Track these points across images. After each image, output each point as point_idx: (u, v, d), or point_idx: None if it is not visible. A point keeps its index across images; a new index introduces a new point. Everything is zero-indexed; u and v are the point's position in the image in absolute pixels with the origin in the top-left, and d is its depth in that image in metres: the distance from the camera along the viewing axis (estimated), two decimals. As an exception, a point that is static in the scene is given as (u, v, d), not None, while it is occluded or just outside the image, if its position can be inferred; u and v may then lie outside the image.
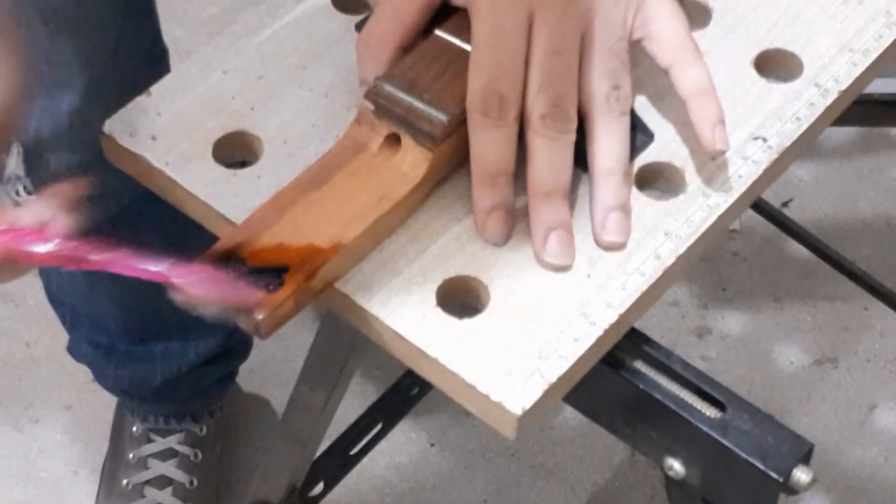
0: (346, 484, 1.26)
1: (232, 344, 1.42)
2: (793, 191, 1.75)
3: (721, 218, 0.72)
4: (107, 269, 0.64)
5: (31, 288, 1.67)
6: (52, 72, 1.05)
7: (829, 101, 0.76)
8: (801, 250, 1.51)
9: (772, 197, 1.64)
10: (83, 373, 1.58)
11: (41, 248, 0.63)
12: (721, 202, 0.73)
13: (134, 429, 1.47)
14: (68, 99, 1.03)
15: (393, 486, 1.51)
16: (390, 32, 0.72)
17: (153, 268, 0.64)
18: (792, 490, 0.70)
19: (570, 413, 1.52)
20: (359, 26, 0.78)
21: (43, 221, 0.64)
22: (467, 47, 0.70)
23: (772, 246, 1.70)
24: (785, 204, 1.73)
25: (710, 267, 1.69)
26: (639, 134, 0.74)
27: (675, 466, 0.74)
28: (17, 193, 0.74)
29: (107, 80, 0.77)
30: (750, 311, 1.66)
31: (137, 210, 1.03)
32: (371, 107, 0.71)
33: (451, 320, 0.68)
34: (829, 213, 1.75)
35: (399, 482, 1.51)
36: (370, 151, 0.71)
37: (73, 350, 1.43)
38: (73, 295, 1.34)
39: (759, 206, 1.44)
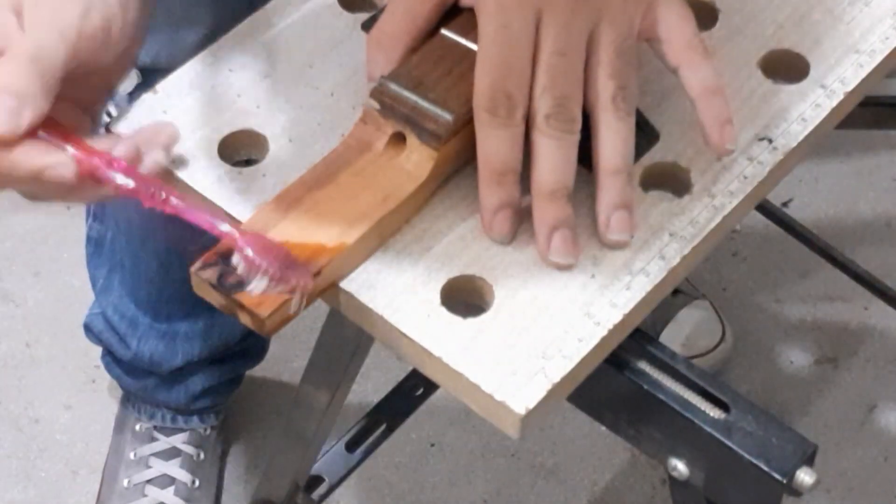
0: (346, 483, 1.26)
1: (249, 344, 1.42)
2: (793, 190, 1.75)
3: (726, 219, 0.72)
4: (179, 214, 0.66)
5: (31, 288, 1.67)
6: (184, 9, 1.08)
7: (834, 103, 0.76)
8: (801, 250, 1.51)
9: (772, 196, 1.63)
10: (83, 373, 1.58)
11: (125, 180, 0.66)
12: (726, 203, 0.72)
13: (137, 427, 1.46)
14: (193, 36, 1.05)
15: (393, 486, 1.51)
16: (402, 31, 0.72)
17: (221, 226, 0.66)
18: (795, 491, 0.70)
19: (571, 413, 1.52)
20: (365, 25, 0.78)
21: (135, 155, 0.67)
22: (473, 47, 0.70)
23: (772, 246, 1.70)
24: (785, 204, 1.73)
25: (710, 267, 1.69)
26: (644, 134, 0.73)
27: (679, 467, 0.74)
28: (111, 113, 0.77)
29: (227, 20, 0.79)
30: (750, 311, 1.66)
31: None
32: (377, 106, 0.71)
33: (456, 320, 0.68)
34: (829, 213, 1.75)
35: (399, 482, 1.51)
36: (375, 150, 0.71)
37: (91, 324, 1.43)
38: (120, 249, 1.34)
39: (760, 205, 1.44)
